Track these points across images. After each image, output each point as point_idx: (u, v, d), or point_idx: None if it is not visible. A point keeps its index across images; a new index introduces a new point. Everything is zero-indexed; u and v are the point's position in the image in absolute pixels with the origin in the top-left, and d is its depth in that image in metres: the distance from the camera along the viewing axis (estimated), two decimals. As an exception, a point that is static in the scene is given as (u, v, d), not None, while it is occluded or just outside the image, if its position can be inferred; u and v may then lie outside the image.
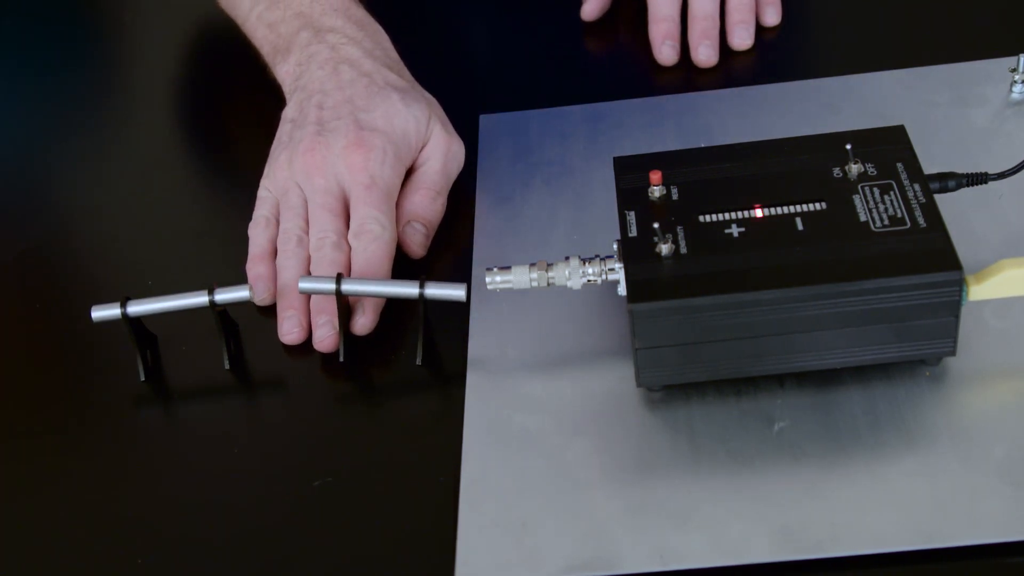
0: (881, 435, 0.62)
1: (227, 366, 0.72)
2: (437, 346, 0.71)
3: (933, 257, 0.61)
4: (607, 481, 0.62)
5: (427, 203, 0.78)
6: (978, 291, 0.62)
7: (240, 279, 0.72)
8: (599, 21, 0.95)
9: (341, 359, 0.71)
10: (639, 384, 0.64)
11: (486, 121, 0.87)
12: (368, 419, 0.68)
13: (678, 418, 0.64)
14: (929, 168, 0.67)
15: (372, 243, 0.73)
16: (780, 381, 0.65)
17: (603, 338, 0.69)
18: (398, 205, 0.77)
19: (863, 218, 0.63)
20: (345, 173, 0.75)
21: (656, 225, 0.64)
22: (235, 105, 0.95)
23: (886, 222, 0.63)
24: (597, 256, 0.66)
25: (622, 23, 0.95)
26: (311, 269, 0.74)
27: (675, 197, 0.66)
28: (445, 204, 0.79)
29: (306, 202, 0.76)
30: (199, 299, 0.71)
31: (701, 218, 0.65)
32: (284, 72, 0.83)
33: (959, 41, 0.86)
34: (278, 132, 0.80)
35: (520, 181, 0.81)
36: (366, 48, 0.82)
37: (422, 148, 0.79)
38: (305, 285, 0.70)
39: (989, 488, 0.59)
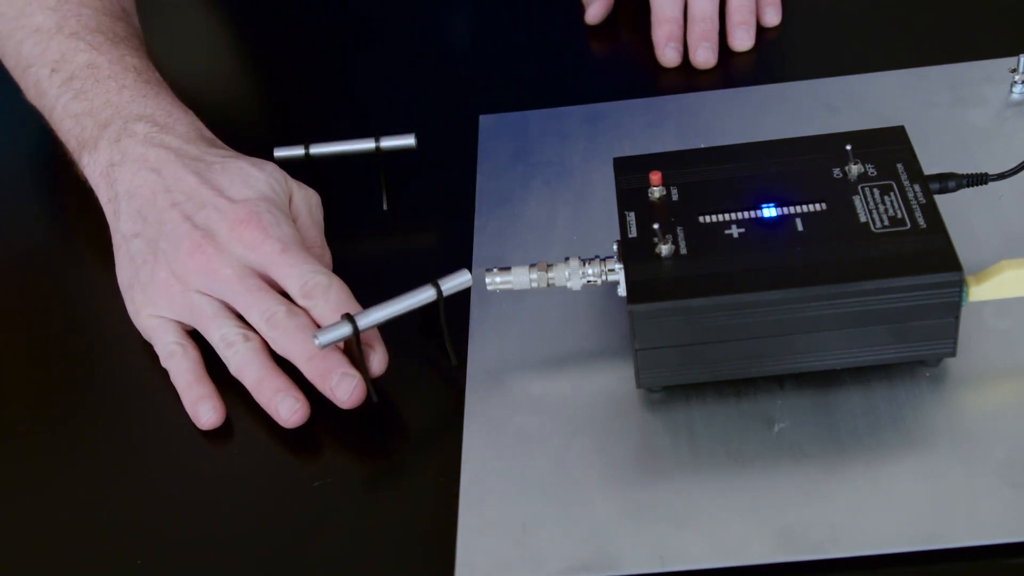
0: (881, 436, 0.62)
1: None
2: (446, 344, 0.70)
3: (933, 258, 0.60)
4: (607, 481, 0.62)
5: (322, 260, 0.72)
6: (978, 292, 0.62)
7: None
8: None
9: (374, 399, 0.67)
10: (639, 385, 0.64)
11: (486, 121, 0.87)
12: (368, 419, 0.68)
13: (678, 419, 0.64)
14: (929, 168, 0.67)
15: (329, 291, 0.67)
16: (780, 382, 0.65)
17: (603, 338, 0.69)
18: None
19: (863, 219, 0.63)
20: (248, 253, 0.68)
21: (656, 226, 0.64)
22: (235, 104, 0.95)
23: (886, 223, 0.63)
24: (597, 257, 0.66)
25: (622, 23, 0.95)
26: (277, 349, 0.67)
27: (675, 198, 0.66)
28: (329, 251, 0.74)
29: (223, 303, 0.69)
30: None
31: (701, 219, 0.65)
32: (96, 173, 0.74)
33: (959, 41, 0.86)
34: (121, 255, 0.72)
35: (520, 181, 0.81)
36: (180, 132, 0.74)
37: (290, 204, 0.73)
38: (323, 338, 0.64)
39: (989, 489, 0.59)
